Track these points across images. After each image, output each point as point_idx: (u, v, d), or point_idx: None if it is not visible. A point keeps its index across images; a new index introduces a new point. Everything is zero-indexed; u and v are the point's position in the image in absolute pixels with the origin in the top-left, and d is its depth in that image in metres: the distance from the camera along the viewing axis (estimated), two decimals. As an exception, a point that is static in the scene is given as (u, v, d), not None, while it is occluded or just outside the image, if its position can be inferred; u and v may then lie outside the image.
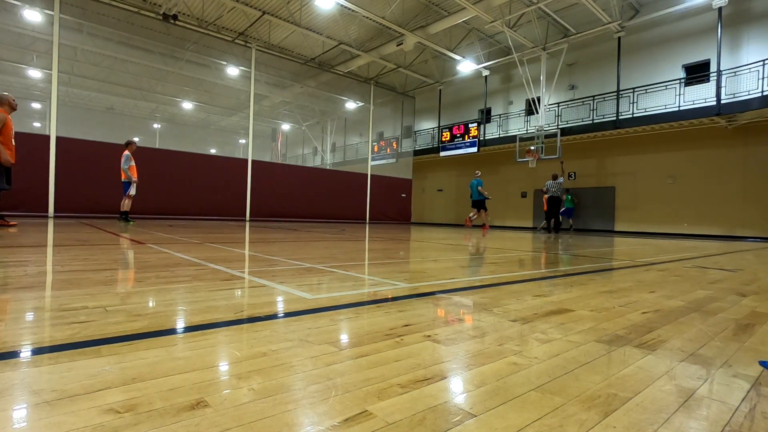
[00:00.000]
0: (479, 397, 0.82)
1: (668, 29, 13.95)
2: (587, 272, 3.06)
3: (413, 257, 3.82)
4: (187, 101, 23.68)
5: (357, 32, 16.19)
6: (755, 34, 12.24)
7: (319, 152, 27.27)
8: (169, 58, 18.36)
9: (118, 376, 0.85)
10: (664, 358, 1.10)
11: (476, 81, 19.27)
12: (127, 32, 15.27)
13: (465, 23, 15.64)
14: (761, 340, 1.32)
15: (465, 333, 1.29)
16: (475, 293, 2.00)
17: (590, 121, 15.06)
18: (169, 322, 1.29)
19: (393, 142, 20.16)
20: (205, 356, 1.00)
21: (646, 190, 14.53)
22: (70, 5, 11.88)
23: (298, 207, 15.33)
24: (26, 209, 9.78)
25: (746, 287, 2.49)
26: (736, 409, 0.81)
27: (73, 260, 2.65)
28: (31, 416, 0.68)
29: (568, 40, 15.03)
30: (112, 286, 1.83)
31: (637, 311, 1.70)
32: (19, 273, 2.07)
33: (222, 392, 0.79)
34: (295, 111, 25.87)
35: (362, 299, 1.76)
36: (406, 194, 19.67)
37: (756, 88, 11.55)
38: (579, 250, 5.37)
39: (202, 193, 12.72)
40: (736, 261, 4.43)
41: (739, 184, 12.65)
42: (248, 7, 14.56)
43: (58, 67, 10.61)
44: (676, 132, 13.69)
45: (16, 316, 1.30)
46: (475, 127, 17.52)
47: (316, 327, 1.29)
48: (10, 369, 0.87)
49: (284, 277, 2.28)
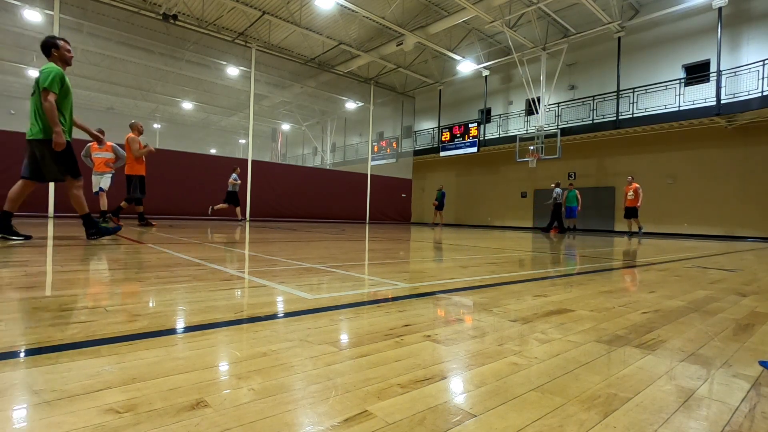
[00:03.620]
0: (479, 397, 0.82)
1: (668, 29, 13.95)
2: (587, 272, 3.06)
3: (413, 257, 3.82)
4: (187, 101, 23.68)
5: (357, 32, 16.19)
6: (755, 34, 12.25)
7: (319, 152, 27.27)
8: (169, 58, 18.36)
9: (118, 376, 0.85)
10: (664, 358, 1.10)
11: (476, 81, 19.27)
12: (127, 32, 15.27)
13: (465, 23, 15.65)
14: (761, 340, 1.32)
15: (465, 333, 1.29)
16: (475, 293, 2.00)
17: (590, 121, 15.07)
18: (169, 322, 1.29)
19: (393, 142, 20.16)
20: (205, 356, 1.00)
21: (646, 190, 14.52)
22: (70, 5, 11.89)
23: (298, 207, 15.33)
24: (26, 209, 9.78)
25: (746, 287, 2.49)
26: (736, 409, 0.81)
27: (73, 260, 2.65)
28: (31, 416, 0.68)
29: (568, 40, 15.03)
30: (112, 286, 1.83)
31: (637, 311, 1.70)
32: (19, 273, 2.07)
33: (222, 392, 0.79)
34: (295, 111, 25.87)
35: (362, 299, 1.76)
36: (406, 194, 19.67)
37: (756, 88, 11.55)
38: (579, 250, 5.37)
39: (202, 194, 12.71)
40: (735, 261, 4.43)
41: (738, 184, 12.65)
42: (248, 7, 14.56)
43: (58, 67, 10.59)
44: (676, 132, 13.69)
45: (16, 316, 1.30)
46: (475, 127, 17.53)
47: (316, 327, 1.29)
48: (10, 369, 0.87)
49: (284, 277, 2.28)
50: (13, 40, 16.08)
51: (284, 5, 14.58)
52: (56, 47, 3.92)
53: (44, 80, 3.68)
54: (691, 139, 13.52)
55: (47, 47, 3.91)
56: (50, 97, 3.69)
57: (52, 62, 3.90)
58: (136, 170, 7.09)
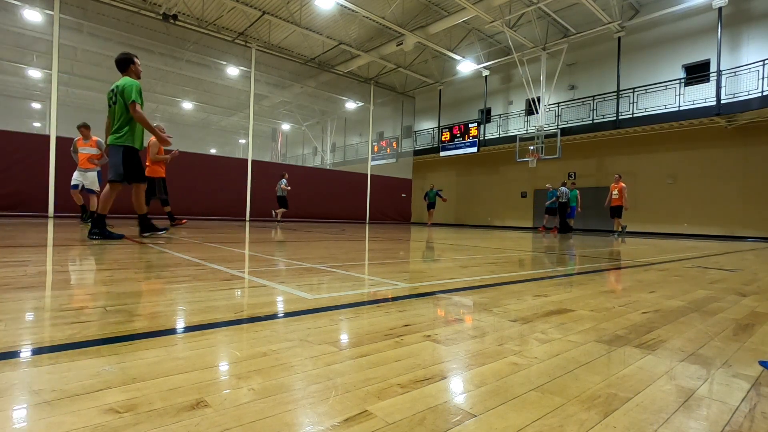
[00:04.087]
0: (479, 397, 0.82)
1: (668, 29, 13.95)
2: (587, 272, 3.06)
3: (413, 257, 3.82)
4: (187, 101, 23.66)
5: (357, 32, 16.19)
6: (755, 34, 12.25)
7: (319, 152, 27.27)
8: (169, 58, 18.33)
9: (118, 376, 0.85)
10: (664, 358, 1.10)
11: (476, 81, 19.27)
12: (127, 32, 15.25)
13: (465, 23, 15.64)
14: (761, 340, 1.32)
15: (465, 333, 1.29)
16: (475, 293, 2.00)
17: (590, 121, 15.07)
18: (169, 322, 1.29)
19: (393, 142, 20.16)
20: (205, 356, 1.00)
21: (646, 190, 14.53)
22: (70, 5, 11.87)
23: (298, 207, 15.31)
24: (26, 209, 9.79)
25: (746, 287, 2.50)
26: (736, 409, 0.81)
27: (73, 260, 2.66)
28: (32, 416, 0.68)
29: (568, 40, 15.03)
30: (112, 286, 1.83)
31: (637, 311, 1.70)
32: (19, 273, 2.07)
33: (222, 392, 0.79)
34: (295, 111, 25.86)
35: (362, 299, 1.76)
36: (406, 194, 19.67)
37: (756, 88, 11.55)
38: (579, 250, 5.37)
39: (202, 193, 12.71)
40: (736, 261, 4.43)
41: (739, 184, 12.65)
42: (248, 7, 14.56)
43: (58, 67, 10.61)
44: (676, 132, 13.69)
45: (16, 316, 1.30)
46: (475, 127, 17.53)
47: (316, 327, 1.29)
48: (10, 369, 0.87)
49: (284, 277, 2.28)
50: (13, 40, 16.07)
51: (284, 5, 14.57)
52: (133, 63, 4.38)
53: (130, 94, 4.12)
54: (691, 139, 13.52)
55: (125, 62, 4.33)
56: (138, 107, 4.15)
57: (128, 76, 4.31)
58: (157, 172, 7.06)
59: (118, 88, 4.18)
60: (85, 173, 7.00)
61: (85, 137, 7.02)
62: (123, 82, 4.19)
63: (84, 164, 6.99)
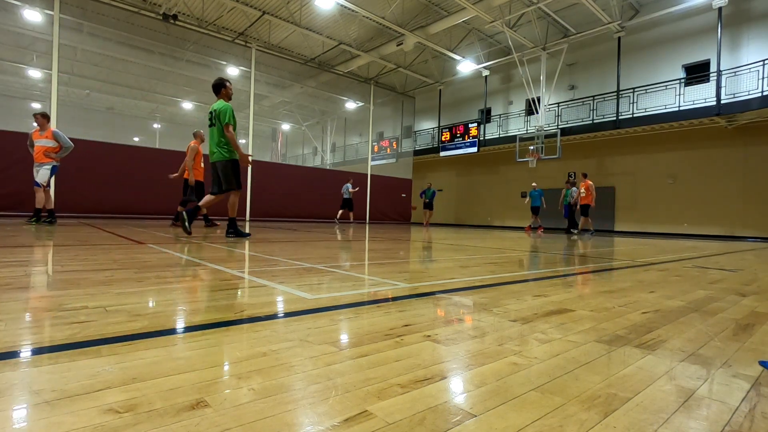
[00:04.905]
0: (479, 397, 0.82)
1: (668, 29, 13.95)
2: (587, 272, 3.06)
3: (413, 257, 3.82)
4: (187, 101, 23.66)
5: (357, 32, 16.19)
6: (755, 34, 12.25)
7: (319, 152, 27.26)
8: (169, 58, 18.34)
9: (118, 376, 0.85)
10: (664, 358, 1.10)
11: (476, 81, 19.27)
12: (127, 32, 15.26)
13: (465, 23, 15.65)
14: (761, 340, 1.32)
15: (465, 333, 1.29)
16: (475, 293, 2.00)
17: (590, 121, 15.07)
18: (169, 322, 1.29)
19: (393, 142, 20.16)
20: (205, 356, 1.00)
21: (646, 190, 14.53)
22: (70, 5, 11.88)
23: (298, 207, 15.33)
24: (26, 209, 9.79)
25: (746, 287, 2.49)
26: (736, 409, 0.81)
27: (73, 260, 2.66)
28: (31, 416, 0.68)
29: (568, 40, 15.03)
30: (111, 286, 1.83)
31: (637, 311, 1.70)
32: (19, 273, 2.07)
33: (222, 392, 0.79)
34: (295, 111, 25.86)
35: (362, 299, 1.76)
36: (406, 194, 19.67)
37: (756, 88, 11.55)
38: (579, 250, 5.37)
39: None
40: (736, 261, 4.43)
41: (739, 184, 12.65)
42: (248, 7, 14.55)
43: (58, 67, 10.61)
44: (676, 132, 13.69)
45: (16, 316, 1.30)
46: (475, 127, 17.53)
47: (316, 327, 1.29)
48: (10, 369, 0.87)
49: (284, 277, 2.28)
50: (13, 40, 16.07)
51: (284, 5, 14.57)
52: (225, 87, 4.92)
53: (224, 116, 4.76)
54: (691, 139, 13.52)
55: (218, 87, 4.90)
56: (231, 128, 4.81)
57: (221, 99, 4.88)
58: (194, 175, 7.29)
59: (215, 111, 4.79)
60: (39, 168, 6.28)
61: (42, 128, 6.29)
62: (219, 105, 4.79)
63: (39, 158, 6.26)
